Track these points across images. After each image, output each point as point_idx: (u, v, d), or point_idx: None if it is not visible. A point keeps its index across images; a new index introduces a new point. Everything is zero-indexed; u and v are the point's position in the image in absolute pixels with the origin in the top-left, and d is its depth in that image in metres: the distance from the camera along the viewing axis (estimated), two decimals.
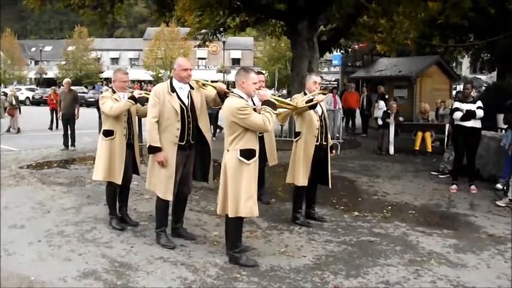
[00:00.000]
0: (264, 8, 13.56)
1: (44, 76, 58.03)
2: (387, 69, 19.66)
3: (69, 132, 12.51)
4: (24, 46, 66.03)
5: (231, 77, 47.04)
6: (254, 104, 5.14)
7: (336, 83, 44.64)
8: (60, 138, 12.63)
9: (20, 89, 42.38)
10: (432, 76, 18.18)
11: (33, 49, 65.14)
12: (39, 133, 16.54)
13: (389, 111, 12.60)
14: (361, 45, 28.60)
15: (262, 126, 4.48)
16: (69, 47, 58.46)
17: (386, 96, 16.78)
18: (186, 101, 5.06)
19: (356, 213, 6.67)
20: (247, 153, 4.53)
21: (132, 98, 5.58)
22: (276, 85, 42.91)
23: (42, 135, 15.51)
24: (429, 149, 12.12)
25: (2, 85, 34.42)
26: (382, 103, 14.42)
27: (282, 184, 6.99)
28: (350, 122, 17.83)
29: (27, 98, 40.22)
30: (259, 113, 4.54)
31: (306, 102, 5.77)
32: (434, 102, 14.66)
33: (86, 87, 47.19)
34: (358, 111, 17.79)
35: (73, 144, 12.46)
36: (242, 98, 4.58)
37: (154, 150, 4.99)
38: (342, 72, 42.37)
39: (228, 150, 4.61)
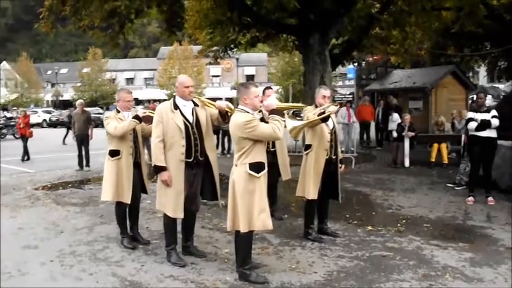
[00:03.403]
0: (275, 23, 13.62)
1: (60, 98, 58.75)
2: (401, 81, 19.57)
3: (83, 153, 12.62)
4: (41, 69, 67.02)
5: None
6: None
7: (351, 96, 44.56)
8: (75, 159, 12.74)
9: (37, 112, 43.10)
10: (447, 86, 18.01)
11: (49, 72, 66.09)
12: (54, 154, 16.69)
13: (403, 123, 12.47)
14: (375, 57, 28.57)
15: (272, 134, 4.45)
16: (84, 68, 59.20)
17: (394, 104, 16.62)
18: (191, 118, 5.07)
19: (369, 228, 6.57)
20: (256, 167, 4.51)
21: (136, 117, 5.59)
22: (290, 100, 42.93)
23: (58, 157, 15.63)
24: (445, 161, 11.96)
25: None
26: (396, 115, 14.30)
27: (295, 199, 6.94)
28: (365, 135, 17.70)
29: (44, 120, 40.85)
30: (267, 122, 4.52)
31: (318, 115, 5.74)
32: (450, 113, 14.48)
33: (101, 108, 47.72)
34: (373, 124, 17.66)
35: (87, 165, 12.55)
36: (248, 112, 4.56)
37: (159, 169, 4.99)
38: (357, 85, 42.29)
39: (236, 165, 4.58)
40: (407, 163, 12.20)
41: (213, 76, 62.31)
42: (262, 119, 4.64)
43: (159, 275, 4.89)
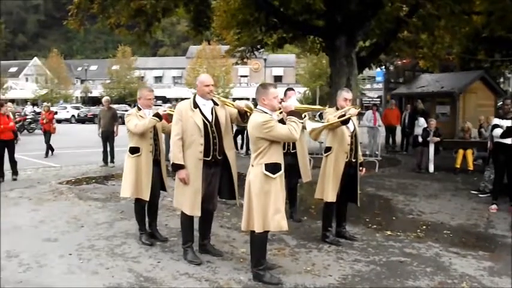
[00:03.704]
0: (302, 25, 13.56)
1: (89, 95, 59.71)
2: (429, 85, 19.28)
3: (108, 149, 12.81)
4: (71, 66, 68.25)
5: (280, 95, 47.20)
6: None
7: (379, 99, 44.17)
8: (101, 155, 12.93)
9: (66, 107, 43.89)
10: (476, 92, 17.67)
11: (79, 69, 67.28)
12: (81, 150, 16.97)
13: (428, 128, 12.30)
14: (404, 61, 28.24)
15: (289, 135, 4.44)
16: (113, 66, 60.06)
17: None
18: (210, 117, 5.09)
19: (388, 233, 6.50)
20: (272, 167, 4.51)
21: (156, 115, 5.64)
22: (317, 102, 42.79)
23: (84, 152, 15.88)
24: (470, 167, 11.76)
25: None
26: (422, 120, 14.11)
27: (316, 202, 6.91)
28: (390, 139, 17.51)
29: (73, 116, 41.62)
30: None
31: (338, 118, 5.70)
32: (478, 119, 14.21)
33: (129, 105, 48.33)
34: (399, 128, 17.46)
35: (112, 161, 12.72)
36: (266, 113, 4.56)
37: (177, 167, 5.03)
38: (385, 88, 41.85)
39: (252, 166, 4.59)
40: (431, 168, 12.03)
41: (241, 76, 62.56)
42: (283, 121, 4.64)
43: (175, 272, 4.93)
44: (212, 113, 5.12)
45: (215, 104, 5.20)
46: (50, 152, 15.07)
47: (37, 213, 7.43)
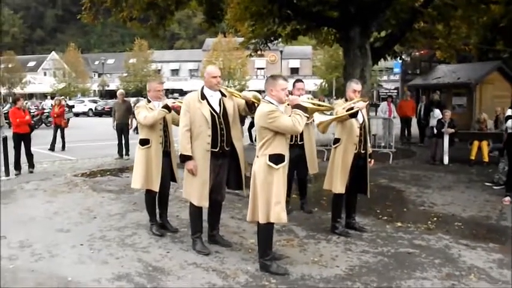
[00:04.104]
0: (315, 16, 13.49)
1: (106, 88, 60.21)
2: (445, 76, 19.03)
3: (123, 141, 12.93)
4: (88, 59, 68.84)
5: (290, 86, 47.07)
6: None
7: (396, 91, 43.84)
8: (116, 147, 13.06)
9: (83, 101, 44.32)
10: (493, 83, 17.38)
11: (96, 62, 67.77)
12: (97, 143, 17.15)
13: (443, 120, 12.18)
14: (421, 52, 27.94)
15: (292, 127, 4.45)
16: (130, 59, 60.46)
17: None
18: (217, 108, 5.11)
19: (399, 224, 6.47)
20: (276, 158, 4.52)
21: (165, 106, 5.68)
22: (334, 94, 42.62)
23: (100, 145, 16.06)
24: (485, 159, 11.61)
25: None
26: (437, 111, 13.98)
27: (327, 193, 6.90)
28: (406, 130, 17.38)
29: (90, 109, 42.05)
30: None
31: (347, 110, 5.68)
32: (494, 111, 14.01)
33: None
34: (415, 120, 17.31)
35: (127, 153, 12.84)
36: (273, 104, 4.57)
37: (185, 158, 5.07)
38: (402, 80, 41.47)
39: (257, 157, 4.61)
40: (446, 160, 11.92)
41: (258, 68, 62.44)
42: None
43: (183, 262, 4.99)
44: (220, 104, 5.14)
45: (223, 95, 5.22)
46: (60, 146, 14.94)
47: (51, 205, 7.56)
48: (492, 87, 17.22)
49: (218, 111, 5.10)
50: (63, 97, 21.09)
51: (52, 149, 14.61)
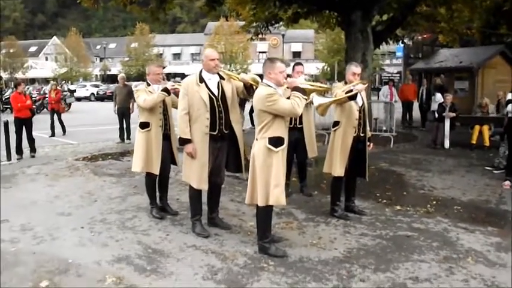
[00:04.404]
0: None
1: (108, 73, 60.12)
2: (447, 60, 18.94)
3: (124, 125, 12.94)
4: (90, 44, 68.57)
5: (290, 70, 46.98)
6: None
7: (398, 75, 43.63)
8: (118, 132, 13.07)
9: (85, 86, 44.25)
10: (496, 67, 17.29)
11: (98, 47, 67.55)
12: (98, 127, 17.18)
13: (444, 104, 12.15)
14: (424, 36, 27.74)
15: (291, 110, 4.45)
16: (132, 43, 60.27)
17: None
18: (216, 91, 5.10)
19: (398, 207, 6.49)
20: (275, 141, 4.53)
21: (165, 90, 5.68)
22: (336, 77, 42.48)
23: (102, 130, 16.09)
24: (486, 143, 11.61)
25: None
26: (438, 95, 13.92)
27: (328, 176, 6.92)
28: (407, 114, 17.34)
29: (92, 94, 41.99)
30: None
31: (346, 93, 5.68)
32: (496, 95, 13.94)
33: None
34: (416, 104, 17.26)
35: (128, 137, 12.85)
36: (271, 86, 4.57)
37: (184, 142, 5.08)
38: (404, 63, 41.23)
39: (257, 139, 4.62)
40: (447, 144, 11.91)
41: (260, 52, 62.16)
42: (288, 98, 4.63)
43: (182, 244, 5.03)
44: (218, 87, 5.13)
45: (221, 78, 5.21)
46: (61, 131, 14.85)
47: (53, 189, 7.60)
48: (494, 72, 17.14)
49: (216, 94, 5.09)
50: (64, 81, 21.01)
51: (53, 134, 14.58)
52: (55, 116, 14.76)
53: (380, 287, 4.08)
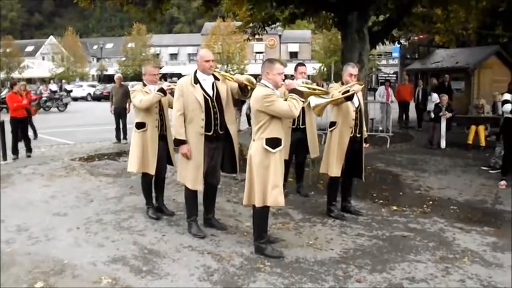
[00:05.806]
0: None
1: (105, 72, 59.93)
2: (444, 61, 18.99)
3: (121, 126, 12.91)
4: (87, 44, 68.45)
5: (287, 70, 47.01)
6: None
7: (395, 75, 43.66)
8: (114, 132, 13.04)
9: (82, 86, 44.16)
10: (492, 67, 17.35)
11: (95, 47, 67.39)
12: (95, 127, 17.14)
13: (440, 104, 12.17)
14: (420, 36, 27.75)
15: (288, 111, 4.45)
16: (128, 43, 60.17)
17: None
18: (211, 92, 5.09)
19: (394, 208, 6.50)
20: (272, 142, 4.53)
21: (161, 90, 5.67)
22: (332, 78, 42.50)
23: (98, 130, 16.04)
24: (482, 143, 11.64)
25: None
26: (435, 96, 13.92)
27: (324, 177, 6.92)
28: (404, 115, 17.34)
29: (89, 94, 41.89)
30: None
31: (343, 94, 5.68)
32: (492, 95, 13.97)
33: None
34: (413, 105, 17.27)
35: (125, 138, 12.81)
36: (268, 87, 4.57)
37: (179, 142, 5.08)
38: (401, 64, 41.25)
39: (254, 140, 4.62)
40: (443, 144, 11.94)
41: (257, 52, 62.14)
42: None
43: (178, 245, 5.03)
44: (213, 88, 5.13)
45: (216, 78, 5.20)
46: (33, 135, 13.61)
47: (48, 189, 7.58)
48: (490, 72, 17.19)
49: (211, 95, 5.08)
50: (21, 82, 20.11)
51: (35, 136, 13.67)
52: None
53: (376, 287, 4.08)
